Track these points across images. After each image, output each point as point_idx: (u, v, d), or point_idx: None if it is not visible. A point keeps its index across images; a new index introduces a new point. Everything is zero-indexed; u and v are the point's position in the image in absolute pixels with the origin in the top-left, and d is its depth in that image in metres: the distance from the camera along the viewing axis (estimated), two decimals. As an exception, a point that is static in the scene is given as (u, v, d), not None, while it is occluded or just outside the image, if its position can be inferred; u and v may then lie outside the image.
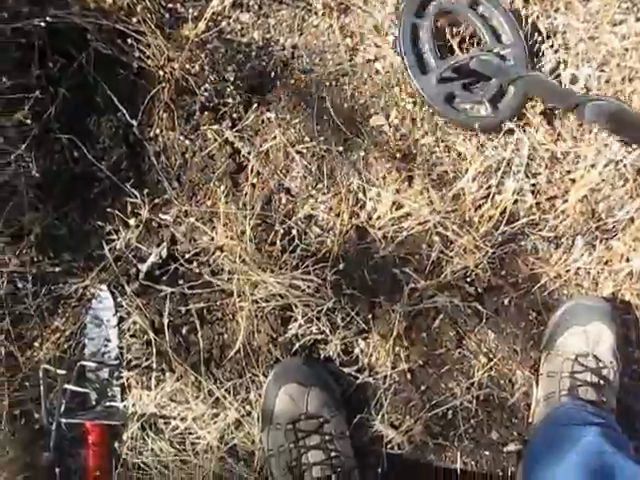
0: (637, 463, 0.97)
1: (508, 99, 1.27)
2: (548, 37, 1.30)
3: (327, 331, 1.17)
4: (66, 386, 1.15)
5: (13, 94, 1.16)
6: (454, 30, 1.30)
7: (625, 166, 1.23)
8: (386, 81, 1.29)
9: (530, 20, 1.31)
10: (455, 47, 1.29)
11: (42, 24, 1.16)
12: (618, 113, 0.80)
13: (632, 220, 1.24)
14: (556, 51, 1.28)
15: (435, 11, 1.29)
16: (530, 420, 1.21)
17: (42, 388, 1.13)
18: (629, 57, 1.26)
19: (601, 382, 1.15)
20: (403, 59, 1.27)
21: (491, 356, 1.22)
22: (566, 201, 1.22)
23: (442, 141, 1.26)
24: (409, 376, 1.20)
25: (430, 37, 1.27)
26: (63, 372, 1.14)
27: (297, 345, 1.18)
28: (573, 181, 1.23)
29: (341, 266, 1.19)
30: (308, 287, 1.16)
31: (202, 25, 1.20)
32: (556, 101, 1.01)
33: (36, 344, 1.18)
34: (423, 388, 1.21)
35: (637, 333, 1.26)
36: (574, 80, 1.24)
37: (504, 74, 1.19)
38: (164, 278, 1.20)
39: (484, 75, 1.26)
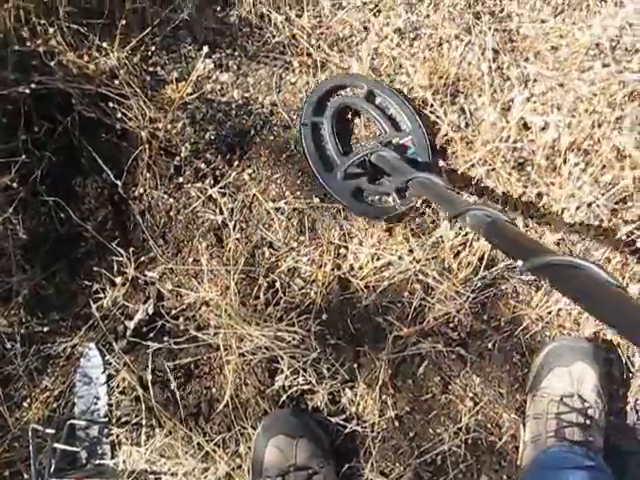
0: None
1: None
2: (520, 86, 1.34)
3: (314, 381, 1.19)
4: (56, 445, 1.15)
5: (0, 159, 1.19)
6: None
7: (599, 207, 1.26)
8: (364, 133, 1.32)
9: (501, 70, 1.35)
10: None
11: (27, 90, 1.19)
12: (492, 224, 0.83)
13: (609, 260, 1.26)
14: (527, 99, 1.31)
15: (333, 108, 1.31)
16: (519, 463, 1.21)
17: (31, 448, 1.14)
18: (597, 102, 1.29)
19: (587, 422, 1.16)
20: (306, 159, 1.28)
21: (477, 400, 1.23)
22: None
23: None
24: (397, 423, 1.21)
25: (331, 134, 1.29)
26: (52, 431, 1.15)
27: (284, 396, 1.19)
28: (548, 224, 1.26)
29: (324, 317, 1.21)
30: (293, 339, 1.17)
31: (188, 88, 1.24)
32: (443, 207, 1.03)
33: (25, 404, 1.19)
34: (411, 434, 1.22)
35: (620, 371, 1.27)
36: (545, 127, 1.28)
37: (399, 172, 1.18)
38: (151, 335, 1.22)
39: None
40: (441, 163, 1.28)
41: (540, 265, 0.70)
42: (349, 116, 1.35)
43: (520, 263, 0.74)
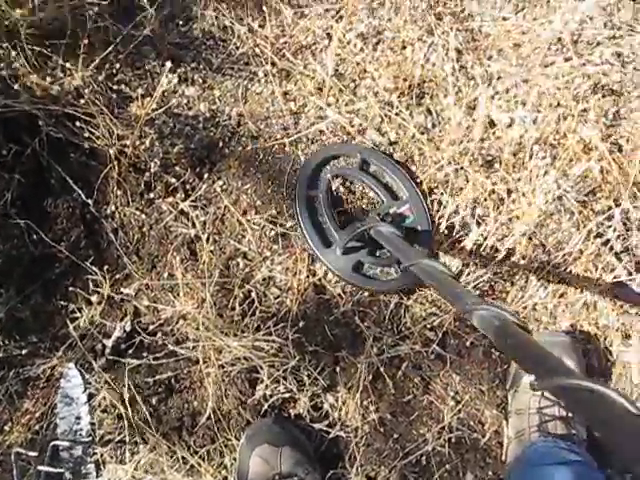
0: None
1: None
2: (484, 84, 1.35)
3: (294, 389, 1.19)
4: (40, 468, 1.15)
5: (-31, 185, 1.19)
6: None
7: (569, 200, 1.27)
8: (332, 140, 1.33)
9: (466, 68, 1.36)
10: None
11: (-7, 115, 1.19)
12: (501, 328, 0.76)
13: (581, 252, 1.27)
14: (492, 97, 1.32)
15: (327, 180, 1.29)
16: (503, 459, 1.22)
17: (15, 472, 1.13)
18: (561, 96, 1.31)
19: (569, 415, 1.16)
20: (304, 234, 1.25)
21: (458, 398, 1.24)
22: (514, 238, 1.25)
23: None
24: (380, 426, 1.21)
25: (327, 207, 1.27)
26: (35, 454, 1.14)
27: (266, 406, 1.19)
28: (518, 218, 1.27)
29: (302, 324, 1.21)
30: (271, 348, 1.18)
31: (153, 104, 1.24)
32: (447, 298, 0.94)
33: (7, 428, 1.18)
34: (395, 436, 1.22)
35: (599, 361, 1.28)
36: (511, 124, 1.29)
37: (400, 253, 1.12)
38: (130, 351, 1.22)
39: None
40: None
41: (555, 387, 0.65)
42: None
43: (533, 378, 0.70)
